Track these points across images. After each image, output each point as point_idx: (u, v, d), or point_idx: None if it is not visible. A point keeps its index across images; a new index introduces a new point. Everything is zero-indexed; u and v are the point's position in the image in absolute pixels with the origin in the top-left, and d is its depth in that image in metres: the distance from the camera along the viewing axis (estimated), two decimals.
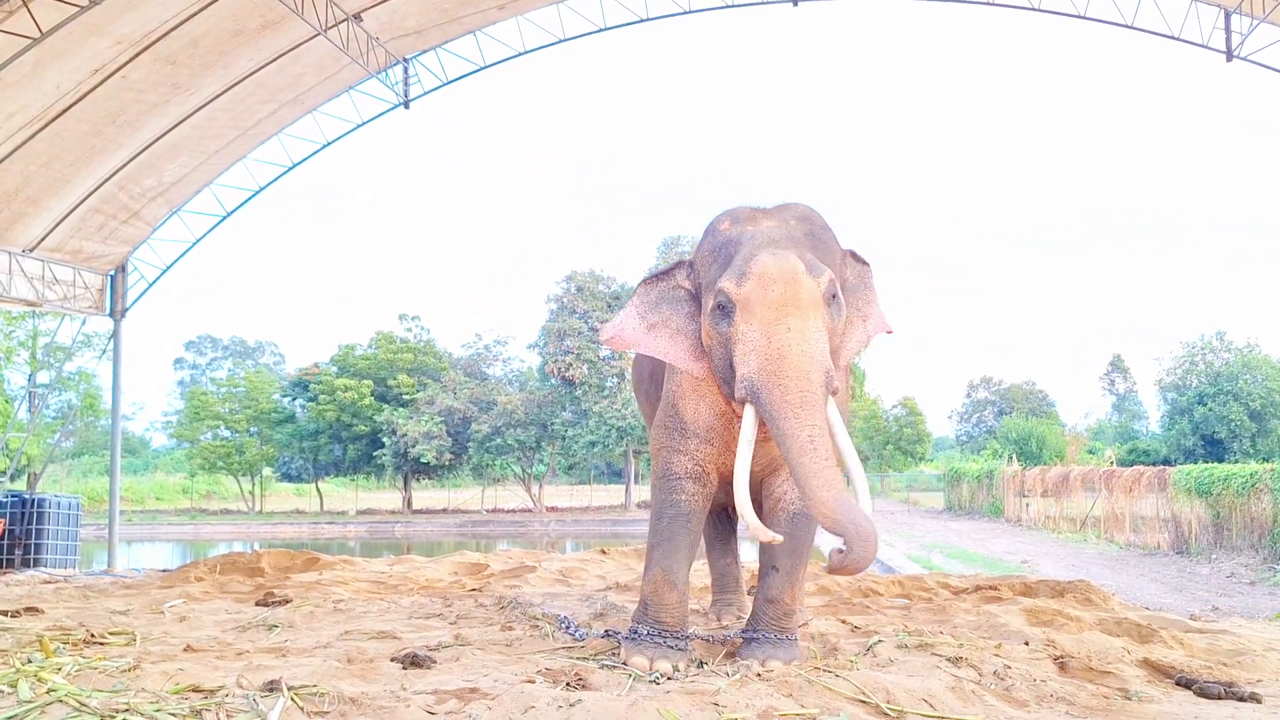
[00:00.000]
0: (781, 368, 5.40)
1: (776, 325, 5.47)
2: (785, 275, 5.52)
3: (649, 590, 6.18)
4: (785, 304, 5.49)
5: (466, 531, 40.01)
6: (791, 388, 5.36)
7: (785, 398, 5.35)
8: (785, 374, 5.39)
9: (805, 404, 5.33)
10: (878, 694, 5.10)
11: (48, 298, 16.48)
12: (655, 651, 5.93)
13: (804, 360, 5.42)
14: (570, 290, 42.71)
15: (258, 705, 4.80)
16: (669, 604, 6.09)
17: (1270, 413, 47.65)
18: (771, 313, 5.49)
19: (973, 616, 7.66)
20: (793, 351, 5.42)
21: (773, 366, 5.42)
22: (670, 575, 6.14)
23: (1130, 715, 5.16)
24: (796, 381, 5.37)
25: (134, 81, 13.71)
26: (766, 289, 5.51)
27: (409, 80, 17.25)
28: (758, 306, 5.52)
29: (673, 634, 6.05)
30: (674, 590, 6.12)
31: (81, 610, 8.54)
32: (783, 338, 5.45)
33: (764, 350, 5.47)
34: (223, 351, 74.64)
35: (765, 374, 5.43)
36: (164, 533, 41.28)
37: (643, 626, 6.09)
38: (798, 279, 5.53)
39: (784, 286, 5.50)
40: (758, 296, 5.52)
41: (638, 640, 6.03)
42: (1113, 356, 65.33)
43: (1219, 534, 18.67)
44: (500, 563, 12.13)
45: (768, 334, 5.48)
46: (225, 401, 48.48)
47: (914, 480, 54.17)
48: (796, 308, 5.49)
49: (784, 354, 5.42)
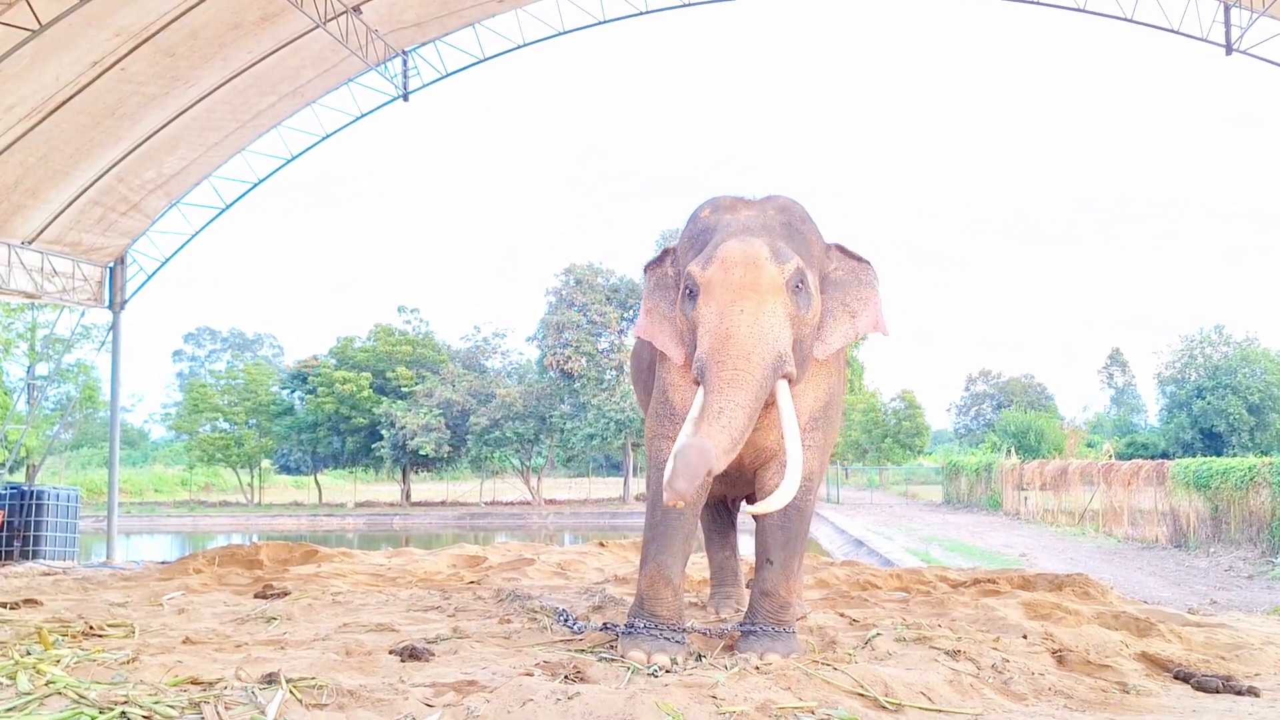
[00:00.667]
0: (725, 345, 5.48)
1: (731, 306, 5.56)
2: (747, 259, 5.62)
3: (644, 585, 6.19)
4: (743, 287, 5.58)
5: (465, 524, 40.02)
6: (728, 364, 5.44)
7: (720, 373, 5.43)
8: (727, 351, 5.47)
9: (734, 382, 5.40)
10: (876, 687, 5.11)
11: (47, 290, 16.47)
12: (652, 645, 5.92)
13: (749, 340, 5.49)
14: (569, 283, 42.68)
15: (256, 697, 4.80)
16: (664, 599, 6.09)
17: (1269, 406, 47.65)
18: (729, 294, 5.59)
19: (971, 610, 7.67)
20: (740, 331, 5.50)
21: (718, 344, 5.51)
22: (665, 570, 6.14)
23: (1128, 709, 5.16)
24: (734, 359, 5.44)
25: (133, 74, 13.70)
26: (727, 272, 5.62)
27: (408, 73, 17.22)
28: (717, 289, 5.62)
29: (669, 628, 6.04)
30: (669, 585, 6.12)
31: (80, 602, 8.55)
32: (734, 319, 5.53)
33: (715, 330, 5.56)
34: (221, 344, 74.60)
35: (710, 351, 5.52)
36: (163, 525, 41.28)
37: (639, 620, 6.10)
38: (759, 264, 5.61)
39: (744, 270, 5.60)
40: (719, 279, 5.63)
41: (635, 634, 6.03)
42: (1111, 350, 65.50)
43: (1217, 528, 18.68)
44: (498, 555, 12.14)
45: (721, 314, 5.57)
46: (224, 394, 48.48)
47: (912, 473, 54.12)
48: (754, 291, 5.57)
49: (731, 333, 5.50)
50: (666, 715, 4.57)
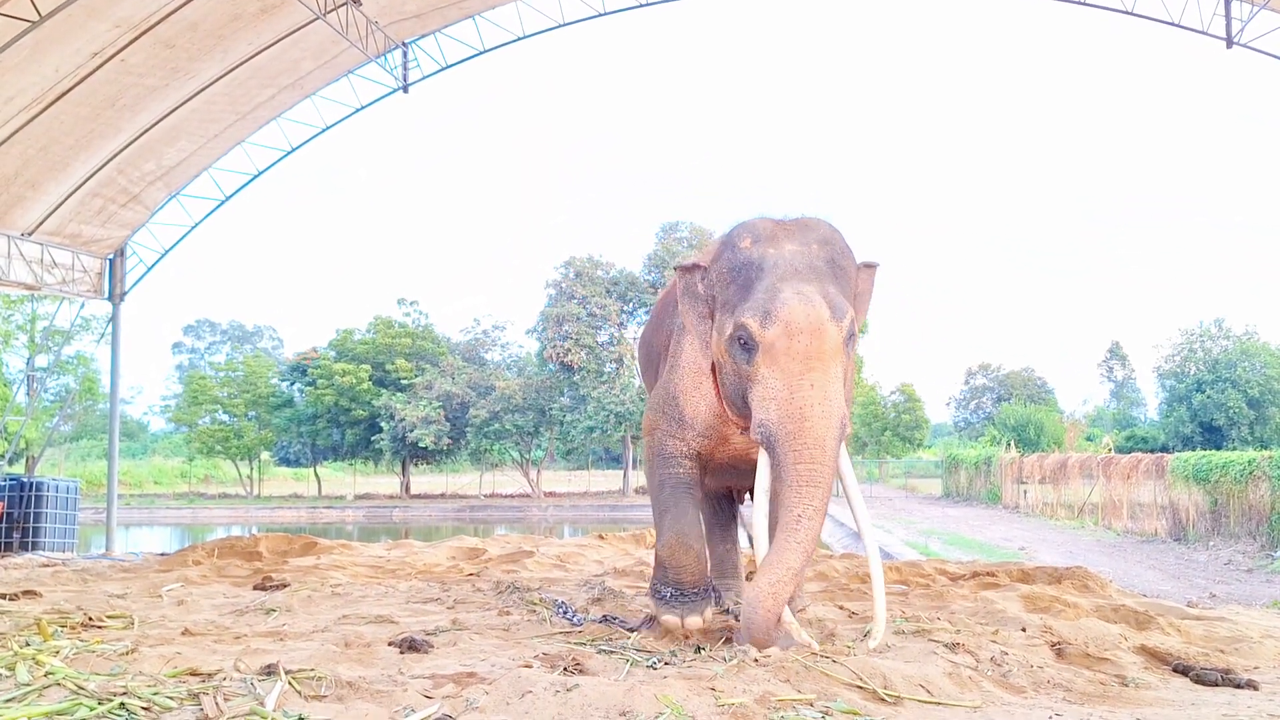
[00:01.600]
0: (801, 429, 5.44)
1: (800, 380, 5.49)
2: (811, 326, 5.50)
3: (665, 554, 6.29)
4: (810, 356, 5.49)
5: (464, 516, 40.03)
6: (805, 455, 5.42)
7: (796, 466, 5.42)
8: (803, 437, 5.43)
9: (813, 479, 5.40)
10: (875, 680, 5.11)
11: (46, 281, 16.45)
12: (684, 609, 6.11)
13: (822, 422, 5.46)
14: (569, 276, 42.68)
15: (255, 689, 4.81)
16: (687, 564, 6.22)
17: (1268, 400, 47.66)
18: (796, 365, 5.50)
19: (970, 603, 7.68)
20: (814, 412, 5.46)
21: (792, 426, 5.46)
22: (684, 538, 6.26)
23: (1127, 702, 5.16)
24: (811, 450, 5.42)
25: (133, 65, 13.67)
26: (792, 339, 5.50)
27: (408, 65, 17.19)
28: (782, 357, 5.52)
29: (694, 590, 6.21)
30: (690, 551, 6.25)
31: (79, 594, 8.56)
32: (805, 395, 5.47)
33: (785, 404, 5.50)
34: (221, 336, 74.63)
35: (784, 431, 5.48)
36: (162, 517, 41.30)
37: (665, 588, 6.25)
38: (823, 330, 5.51)
39: (810, 339, 5.49)
40: (783, 346, 5.51)
41: (665, 600, 6.19)
42: (1111, 343, 65.34)
43: (1217, 521, 18.67)
44: (498, 548, 12.16)
45: (790, 387, 5.50)
46: (223, 386, 48.50)
47: (912, 466, 54.18)
48: (820, 360, 5.51)
49: (805, 414, 5.46)
50: (665, 707, 4.58)
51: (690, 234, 42.21)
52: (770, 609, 5.26)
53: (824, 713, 4.66)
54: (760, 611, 5.26)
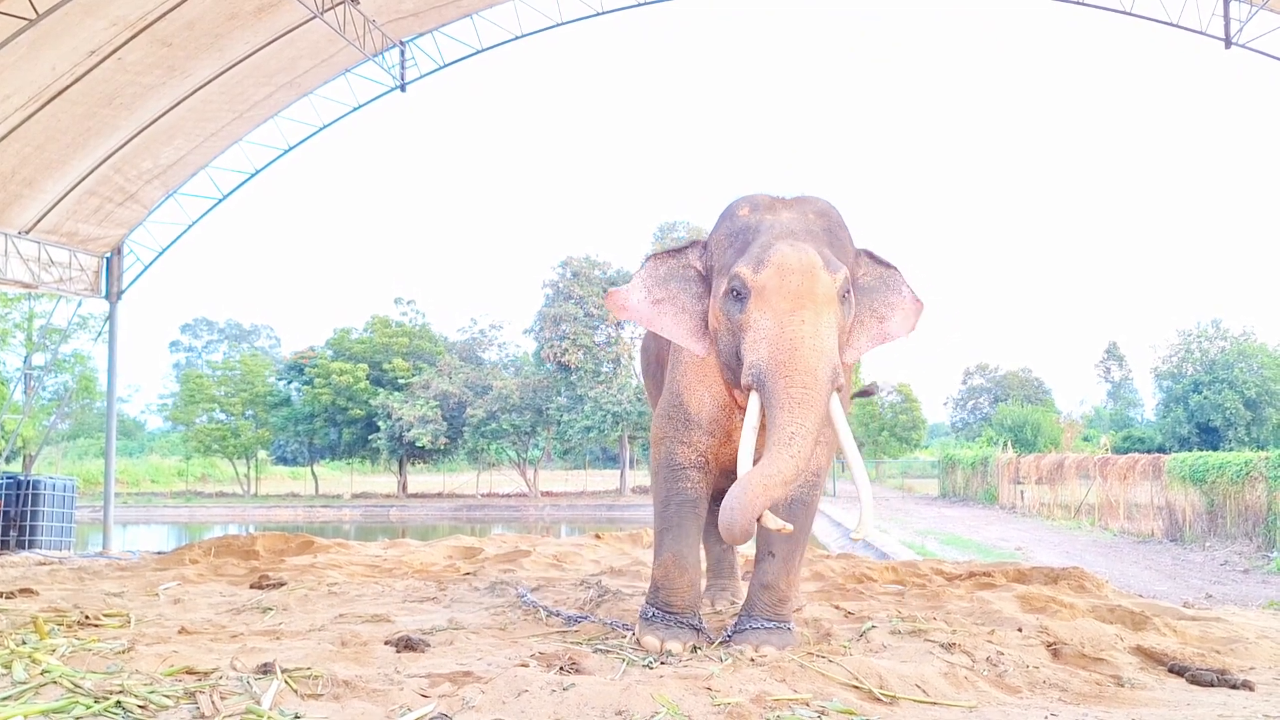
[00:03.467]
0: (791, 359, 5.42)
1: (790, 316, 5.48)
2: (803, 267, 5.53)
3: (660, 574, 6.25)
4: (801, 295, 5.50)
5: (461, 516, 40.06)
6: (796, 381, 5.38)
7: (788, 390, 5.37)
8: (793, 366, 5.40)
9: (804, 401, 5.35)
10: (871, 679, 5.11)
11: (44, 279, 16.45)
12: (667, 632, 6.03)
13: (813, 354, 5.43)
14: (566, 275, 42.69)
15: (252, 687, 4.81)
16: (679, 588, 6.17)
17: (1265, 401, 47.69)
18: (786, 303, 5.50)
19: (966, 603, 7.67)
20: (804, 344, 5.44)
21: (783, 356, 5.43)
22: (681, 560, 6.21)
23: (1123, 702, 5.17)
24: (802, 375, 5.39)
25: (130, 64, 13.67)
26: (784, 278, 5.52)
27: (405, 63, 17.20)
28: (773, 295, 5.52)
29: (681, 616, 6.13)
30: (684, 574, 6.20)
31: (76, 592, 8.55)
32: (796, 329, 5.45)
33: (775, 339, 5.47)
34: (218, 334, 74.63)
35: (774, 363, 5.44)
36: (159, 515, 41.32)
37: (651, 609, 6.19)
38: (815, 272, 5.54)
39: (801, 278, 5.51)
40: (774, 285, 5.53)
41: (650, 621, 6.13)
42: (1108, 344, 65.31)
43: (1213, 522, 18.69)
44: (495, 547, 12.16)
45: (780, 323, 5.48)
46: (221, 384, 48.50)
47: (909, 467, 54.25)
48: (811, 300, 5.50)
49: (795, 345, 5.44)
50: (661, 706, 4.58)
51: (688, 234, 42.21)
52: (756, 498, 5.15)
53: (820, 712, 4.66)
54: (746, 498, 5.15)
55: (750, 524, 5.22)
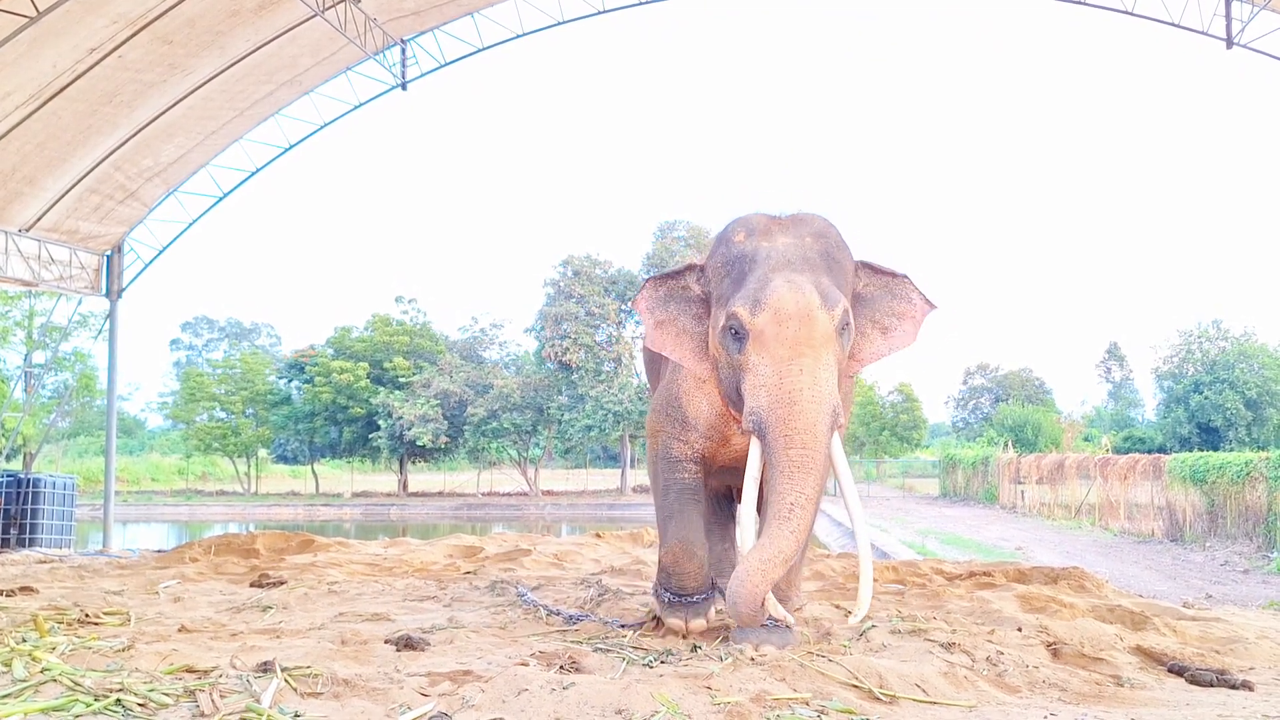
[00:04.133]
0: (790, 415, 5.43)
1: (789, 365, 5.48)
2: (800, 311, 5.52)
3: (669, 560, 6.34)
4: (799, 343, 5.49)
5: (462, 515, 40.05)
6: (795, 441, 5.40)
7: (787, 451, 5.40)
8: (793, 423, 5.41)
9: (804, 465, 5.38)
10: (870, 679, 5.12)
11: (44, 277, 16.46)
12: (687, 611, 6.22)
13: (813, 408, 5.44)
14: (567, 274, 42.68)
15: (251, 686, 4.81)
16: (689, 571, 6.28)
17: (1266, 401, 47.67)
18: (785, 350, 5.50)
19: (966, 602, 7.68)
20: (803, 397, 5.44)
21: (782, 411, 5.45)
22: (689, 545, 6.31)
23: (1122, 702, 5.17)
24: (802, 435, 5.40)
25: (131, 61, 13.67)
26: (781, 325, 5.51)
27: (406, 62, 17.20)
28: (771, 343, 5.52)
29: (695, 595, 6.30)
30: (693, 559, 6.30)
31: (76, 590, 8.56)
32: (795, 380, 5.46)
33: (774, 390, 5.49)
34: (219, 333, 74.61)
35: (774, 417, 5.46)
36: (159, 513, 41.31)
37: (666, 593, 6.34)
38: (813, 316, 5.52)
39: (799, 324, 5.50)
40: (772, 332, 5.52)
41: (670, 605, 6.30)
42: (1109, 344, 65.29)
43: (1213, 522, 18.68)
44: (495, 546, 12.17)
45: (779, 373, 5.49)
46: (221, 383, 48.47)
47: (909, 466, 54.21)
48: (810, 347, 5.50)
49: (794, 399, 5.44)
50: (661, 705, 4.58)
51: (688, 233, 42.25)
52: (758, 585, 5.23)
53: (820, 712, 4.66)
54: (748, 586, 5.23)
55: (756, 608, 5.33)
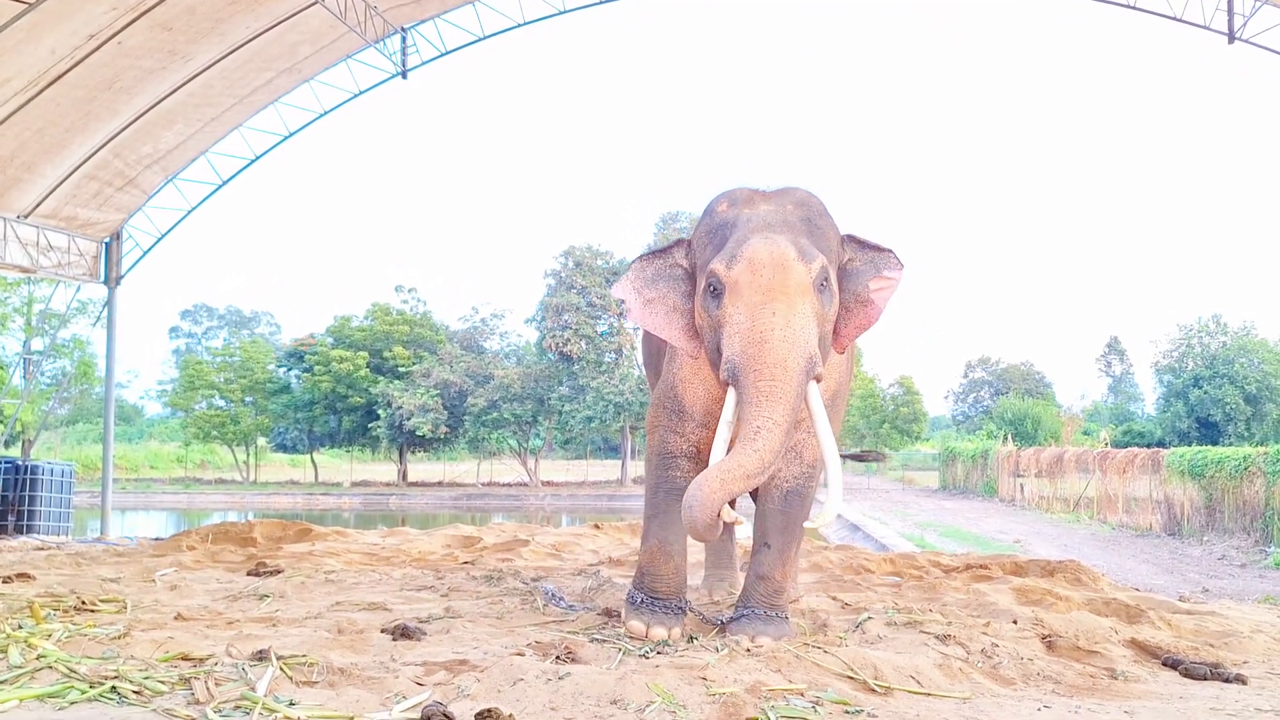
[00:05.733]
0: (761, 352, 5.43)
1: (762, 309, 5.49)
2: (775, 260, 5.55)
3: (645, 560, 6.31)
4: (773, 289, 5.51)
5: (461, 505, 40.10)
6: (765, 374, 5.39)
7: (757, 383, 5.39)
8: (763, 359, 5.42)
9: (772, 395, 5.36)
10: (866, 670, 5.13)
11: (42, 264, 16.45)
12: (653, 617, 6.07)
13: (784, 346, 5.44)
14: (568, 265, 42.68)
15: (247, 674, 4.82)
16: (664, 574, 6.21)
17: (1265, 396, 47.67)
18: (758, 296, 5.52)
19: (962, 595, 7.69)
20: (774, 336, 5.44)
21: (753, 350, 5.45)
22: (666, 546, 6.25)
23: (1116, 695, 5.18)
24: (771, 369, 5.40)
25: (130, 48, 13.64)
26: (756, 273, 5.54)
27: (407, 50, 17.18)
28: (746, 290, 5.55)
29: (667, 601, 6.17)
30: (669, 561, 6.24)
31: (73, 577, 8.56)
32: (766, 321, 5.47)
33: (747, 333, 5.50)
34: (219, 321, 74.64)
35: (744, 357, 5.47)
36: (157, 501, 41.33)
37: (639, 594, 6.23)
38: (787, 264, 5.55)
39: (773, 272, 5.53)
40: (746, 280, 5.55)
41: (637, 606, 6.17)
42: (1110, 338, 65.45)
43: (1211, 516, 18.69)
44: (493, 536, 12.16)
45: (752, 317, 5.50)
46: (220, 371, 48.45)
47: (909, 459, 54.22)
48: (784, 293, 5.51)
49: (765, 338, 5.45)
50: (656, 696, 4.59)
51: (690, 224, 42.14)
52: (715, 493, 5.18)
53: (814, 702, 4.68)
54: (705, 492, 5.18)
55: (710, 518, 5.23)
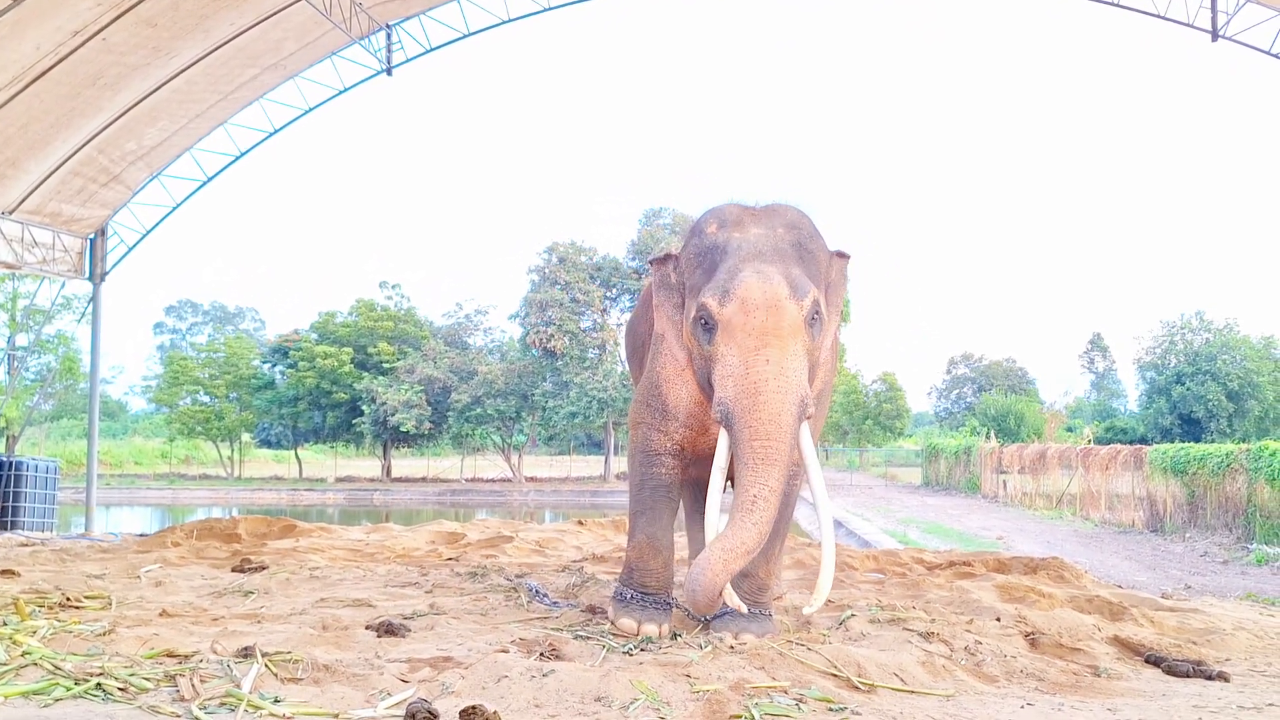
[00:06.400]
0: (755, 404, 5.39)
1: (756, 356, 5.44)
2: (768, 302, 5.48)
3: (634, 556, 6.29)
4: (766, 333, 5.46)
5: (445, 500, 40.05)
6: (760, 430, 5.35)
7: (752, 442, 5.35)
8: (757, 412, 5.37)
9: (767, 459, 5.32)
10: (849, 668, 5.14)
11: (27, 260, 16.39)
12: (643, 614, 6.07)
13: (778, 397, 5.40)
14: (552, 261, 42.63)
15: (232, 671, 4.82)
16: (654, 569, 6.22)
17: (1247, 393, 47.83)
18: (752, 341, 5.47)
19: (945, 592, 7.71)
20: (769, 387, 5.40)
21: (748, 401, 5.41)
22: (655, 541, 6.27)
23: (1099, 692, 5.20)
24: (766, 425, 5.35)
25: (114, 44, 13.59)
26: (748, 315, 5.47)
27: (392, 47, 17.15)
28: (738, 333, 5.49)
29: (656, 597, 6.17)
30: (658, 556, 6.26)
31: (58, 573, 8.53)
32: (760, 370, 5.42)
33: (741, 380, 5.45)
34: (203, 317, 74.57)
35: (740, 407, 5.43)
36: (142, 497, 41.22)
37: (628, 590, 6.22)
38: (780, 306, 5.48)
39: (765, 314, 5.47)
40: (739, 322, 5.49)
41: (626, 602, 6.16)
42: (1092, 335, 65.79)
43: (1194, 513, 18.76)
44: (477, 532, 12.15)
45: (746, 363, 5.45)
46: (205, 367, 48.36)
47: (892, 455, 54.31)
48: (777, 337, 5.46)
49: (759, 389, 5.40)
50: (640, 693, 4.60)
51: (673, 220, 42.15)
52: (718, 575, 5.15)
53: (798, 700, 4.69)
54: (708, 575, 5.14)
55: (714, 598, 5.24)
